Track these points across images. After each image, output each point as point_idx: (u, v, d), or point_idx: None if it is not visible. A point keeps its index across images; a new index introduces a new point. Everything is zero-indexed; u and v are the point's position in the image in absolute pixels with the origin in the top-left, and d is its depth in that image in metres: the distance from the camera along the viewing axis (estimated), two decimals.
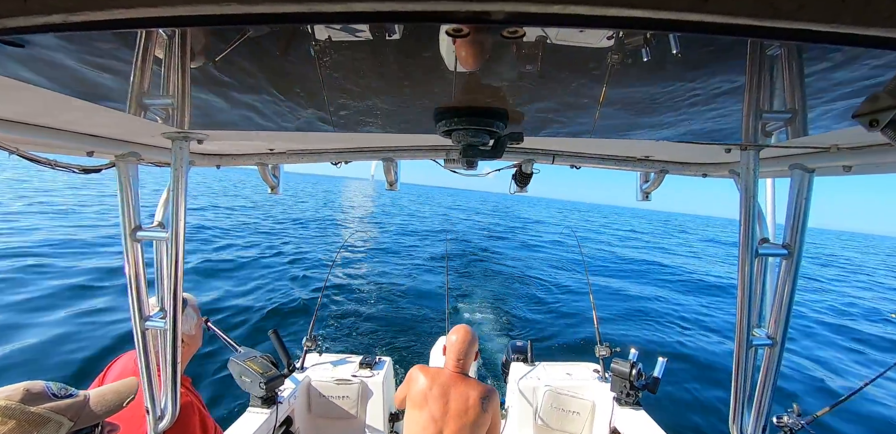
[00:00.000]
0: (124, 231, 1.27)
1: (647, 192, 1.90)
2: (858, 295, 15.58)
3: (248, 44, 0.51)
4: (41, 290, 6.80)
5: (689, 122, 0.82)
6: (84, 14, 0.37)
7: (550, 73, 0.61)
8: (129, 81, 0.62)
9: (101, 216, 15.18)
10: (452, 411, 2.17)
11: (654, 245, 28.71)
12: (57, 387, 1.01)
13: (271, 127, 0.96)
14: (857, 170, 1.14)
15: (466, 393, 2.19)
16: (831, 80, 0.54)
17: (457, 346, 2.30)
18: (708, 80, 0.59)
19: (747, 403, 1.23)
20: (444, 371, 2.31)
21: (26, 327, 5.42)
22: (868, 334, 9.84)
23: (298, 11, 0.37)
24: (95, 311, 6.25)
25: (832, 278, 20.32)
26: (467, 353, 2.29)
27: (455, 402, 2.18)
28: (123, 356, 1.61)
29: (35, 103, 0.86)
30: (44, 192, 21.46)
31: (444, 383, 2.23)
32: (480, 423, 2.17)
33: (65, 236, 10.75)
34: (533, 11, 0.37)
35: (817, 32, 0.36)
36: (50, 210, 15.18)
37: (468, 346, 2.30)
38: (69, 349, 5.06)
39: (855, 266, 29.59)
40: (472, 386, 2.23)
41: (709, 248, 30.85)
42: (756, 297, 1.17)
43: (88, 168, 1.33)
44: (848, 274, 23.46)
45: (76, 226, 12.57)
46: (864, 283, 19.48)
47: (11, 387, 0.96)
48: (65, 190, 24.07)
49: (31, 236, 10.33)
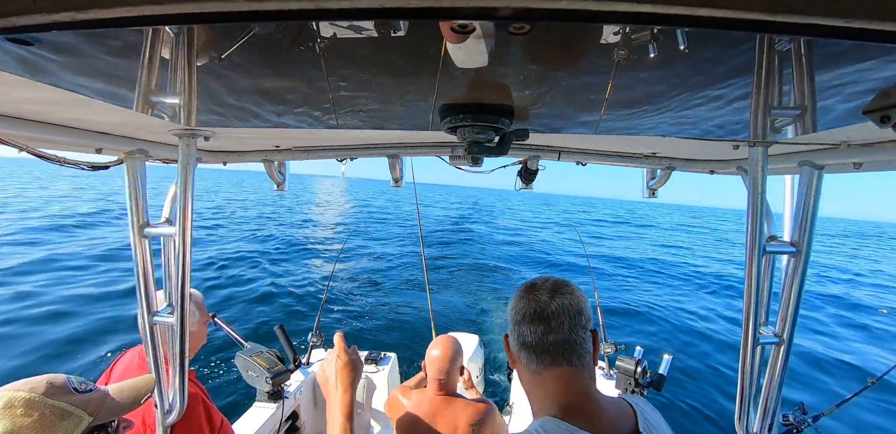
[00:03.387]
0: (132, 227, 1.28)
1: (653, 189, 1.88)
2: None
3: (253, 41, 0.51)
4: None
5: (697, 119, 0.81)
6: (92, 12, 0.37)
7: (556, 70, 0.60)
8: (136, 79, 0.62)
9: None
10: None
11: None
12: (78, 381, 1.01)
13: (277, 124, 0.96)
14: (868, 167, 1.12)
15: (454, 421, 1.91)
16: (842, 75, 0.53)
17: (437, 364, 1.99)
18: (716, 75, 0.58)
19: (753, 402, 1.22)
20: (427, 395, 2.01)
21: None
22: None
23: (305, 8, 0.37)
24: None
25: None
26: (449, 372, 1.99)
27: (444, 429, 1.91)
28: (129, 352, 1.62)
29: (43, 101, 0.87)
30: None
31: (430, 411, 1.94)
32: None
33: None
34: (540, 7, 0.37)
35: (829, 27, 0.36)
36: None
37: (450, 363, 2.00)
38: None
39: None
40: (459, 410, 1.93)
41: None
42: (763, 296, 1.16)
43: (97, 165, 1.35)
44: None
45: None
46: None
47: (35, 379, 0.96)
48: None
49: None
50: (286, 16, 0.39)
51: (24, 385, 0.93)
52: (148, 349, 1.32)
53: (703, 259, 19.60)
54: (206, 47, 0.53)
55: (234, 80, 0.67)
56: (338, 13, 0.38)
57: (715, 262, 19.16)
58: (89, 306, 6.93)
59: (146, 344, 1.32)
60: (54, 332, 5.87)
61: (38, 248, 10.59)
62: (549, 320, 0.83)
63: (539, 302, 0.85)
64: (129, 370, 1.49)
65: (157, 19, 0.39)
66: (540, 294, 0.86)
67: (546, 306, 0.84)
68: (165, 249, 1.34)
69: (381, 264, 12.34)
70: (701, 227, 49.39)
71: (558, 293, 0.86)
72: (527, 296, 0.88)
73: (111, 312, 6.70)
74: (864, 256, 29.47)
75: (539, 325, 0.83)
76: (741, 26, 0.37)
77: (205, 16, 0.38)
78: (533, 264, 14.57)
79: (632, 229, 36.20)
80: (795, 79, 0.54)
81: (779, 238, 1.19)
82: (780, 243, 1.17)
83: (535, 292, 0.87)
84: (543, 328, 0.83)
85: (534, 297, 0.87)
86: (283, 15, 0.39)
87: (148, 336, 1.31)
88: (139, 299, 1.30)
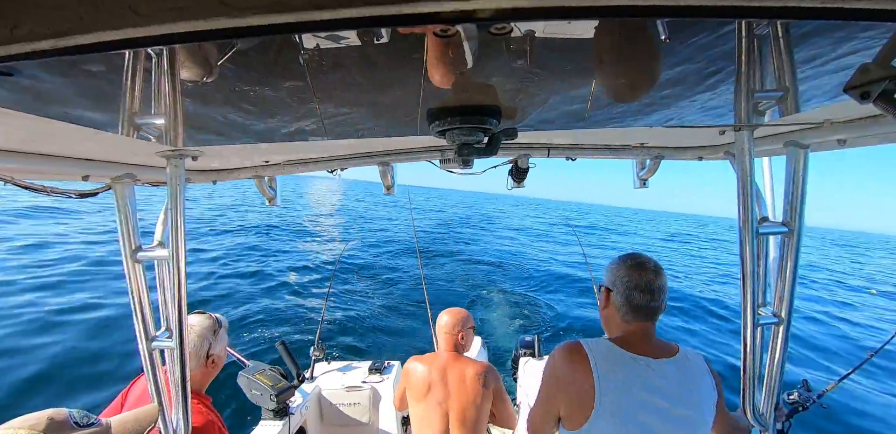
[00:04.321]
0: (124, 252, 1.26)
1: (643, 180, 1.90)
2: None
3: (236, 57, 0.51)
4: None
5: (682, 107, 0.82)
6: (72, 38, 0.37)
7: (540, 67, 0.61)
8: (119, 103, 0.61)
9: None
10: (453, 391, 2.14)
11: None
12: (80, 415, 1.00)
13: (266, 139, 0.96)
14: (852, 142, 1.14)
15: (463, 370, 2.16)
16: (821, 55, 0.54)
17: (449, 322, 2.25)
18: (697, 63, 0.59)
19: (758, 383, 1.23)
20: (440, 354, 2.26)
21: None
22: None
23: (287, 21, 0.37)
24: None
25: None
26: (460, 330, 2.24)
27: (454, 381, 2.15)
28: (143, 377, 1.59)
29: (27, 131, 0.85)
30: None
31: (441, 366, 2.19)
32: (483, 400, 2.14)
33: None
34: (519, 6, 0.37)
35: (804, 8, 0.37)
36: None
37: (461, 323, 2.25)
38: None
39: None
40: (468, 363, 2.19)
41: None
42: (760, 277, 1.17)
43: (84, 192, 1.33)
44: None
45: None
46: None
47: (36, 415, 0.94)
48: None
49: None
50: (269, 30, 0.39)
51: (24, 422, 0.91)
52: (148, 375, 1.30)
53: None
54: (188, 66, 0.53)
55: (218, 97, 0.66)
56: (321, 24, 0.38)
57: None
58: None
59: (146, 369, 1.29)
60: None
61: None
62: (655, 292, 1.25)
63: (648, 278, 1.26)
64: (144, 397, 1.46)
65: (138, 41, 0.39)
66: (647, 272, 1.27)
67: (653, 282, 1.26)
68: (160, 273, 1.32)
69: (379, 272, 12.25)
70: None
71: (661, 274, 1.28)
72: (638, 270, 1.27)
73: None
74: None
75: (647, 295, 1.25)
76: (720, 13, 0.37)
77: (186, 35, 0.38)
78: (536, 277, 14.16)
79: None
80: (776, 61, 0.55)
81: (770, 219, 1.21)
82: (773, 224, 1.18)
83: (643, 270, 1.27)
84: (650, 297, 1.25)
85: (644, 274, 1.27)
86: (265, 30, 0.39)
87: (147, 361, 1.29)
88: (136, 325, 1.27)
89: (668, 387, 1.20)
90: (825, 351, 7.61)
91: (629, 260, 1.31)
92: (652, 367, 1.22)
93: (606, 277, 1.35)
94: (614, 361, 1.21)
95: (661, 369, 1.22)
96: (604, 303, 1.36)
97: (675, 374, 1.23)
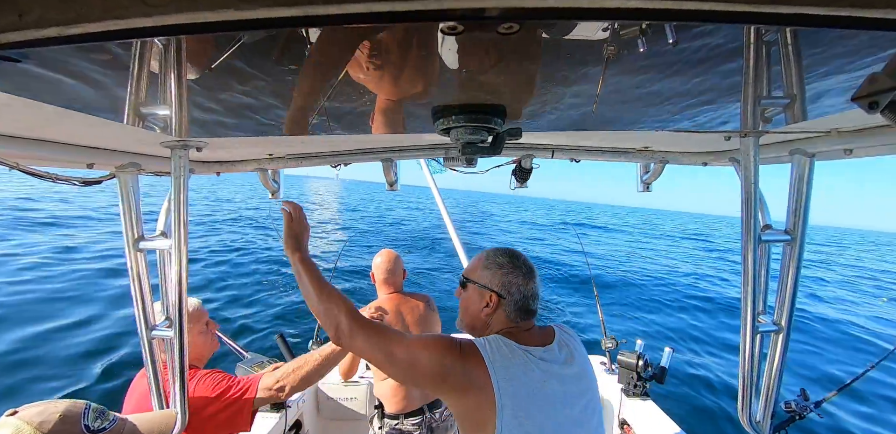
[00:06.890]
0: (127, 241, 1.26)
1: (647, 183, 1.90)
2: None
3: (243, 50, 0.51)
4: None
5: (688, 111, 0.82)
6: (79, 27, 0.37)
7: (547, 68, 0.61)
8: (126, 92, 0.62)
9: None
10: (412, 325, 2.30)
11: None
12: (94, 415, 0.99)
13: (270, 132, 0.96)
14: (858, 153, 1.13)
15: (415, 307, 2.35)
16: (829, 63, 0.54)
17: (382, 266, 2.38)
18: (705, 67, 0.58)
19: (755, 391, 1.23)
20: (381, 297, 2.39)
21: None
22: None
23: (294, 15, 0.37)
24: None
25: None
26: (394, 271, 2.39)
27: (410, 315, 2.31)
28: (141, 377, 1.58)
29: (33, 118, 0.86)
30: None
31: (393, 309, 2.29)
32: (435, 323, 2.42)
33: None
34: (528, 6, 0.37)
35: (815, 16, 0.36)
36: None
37: (393, 263, 2.40)
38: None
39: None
40: (414, 299, 2.40)
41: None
42: (761, 285, 1.17)
43: (89, 180, 1.33)
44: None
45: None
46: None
47: (51, 409, 0.93)
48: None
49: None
50: (276, 24, 0.39)
51: (38, 415, 0.90)
52: (147, 364, 1.31)
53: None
54: (195, 58, 0.53)
55: (224, 89, 0.66)
56: (328, 19, 0.38)
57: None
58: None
59: (146, 358, 1.30)
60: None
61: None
62: (537, 298, 1.29)
63: (533, 284, 1.27)
64: (144, 398, 1.43)
65: (145, 31, 0.39)
66: (536, 277, 1.29)
67: (536, 290, 1.28)
68: (162, 262, 1.32)
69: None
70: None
71: (536, 276, 1.30)
72: (531, 277, 1.27)
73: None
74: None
75: (535, 300, 1.27)
76: (729, 18, 0.37)
77: (194, 26, 0.38)
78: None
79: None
80: (783, 68, 0.55)
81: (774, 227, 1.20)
82: (775, 232, 1.18)
83: (533, 275, 1.28)
84: (534, 301, 1.28)
85: (534, 280, 1.28)
86: (272, 23, 0.39)
87: (147, 350, 1.30)
88: (136, 314, 1.28)
89: (567, 372, 1.21)
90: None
91: (522, 266, 1.27)
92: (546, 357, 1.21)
93: (493, 281, 1.26)
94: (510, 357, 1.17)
95: (552, 353, 1.22)
96: (492, 309, 1.26)
97: (566, 354, 1.26)
